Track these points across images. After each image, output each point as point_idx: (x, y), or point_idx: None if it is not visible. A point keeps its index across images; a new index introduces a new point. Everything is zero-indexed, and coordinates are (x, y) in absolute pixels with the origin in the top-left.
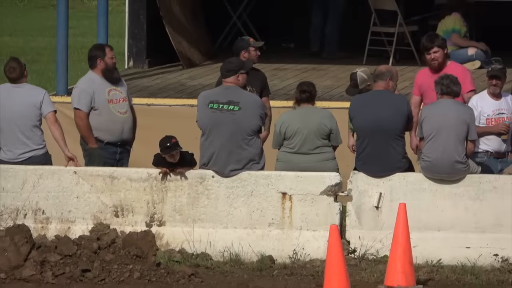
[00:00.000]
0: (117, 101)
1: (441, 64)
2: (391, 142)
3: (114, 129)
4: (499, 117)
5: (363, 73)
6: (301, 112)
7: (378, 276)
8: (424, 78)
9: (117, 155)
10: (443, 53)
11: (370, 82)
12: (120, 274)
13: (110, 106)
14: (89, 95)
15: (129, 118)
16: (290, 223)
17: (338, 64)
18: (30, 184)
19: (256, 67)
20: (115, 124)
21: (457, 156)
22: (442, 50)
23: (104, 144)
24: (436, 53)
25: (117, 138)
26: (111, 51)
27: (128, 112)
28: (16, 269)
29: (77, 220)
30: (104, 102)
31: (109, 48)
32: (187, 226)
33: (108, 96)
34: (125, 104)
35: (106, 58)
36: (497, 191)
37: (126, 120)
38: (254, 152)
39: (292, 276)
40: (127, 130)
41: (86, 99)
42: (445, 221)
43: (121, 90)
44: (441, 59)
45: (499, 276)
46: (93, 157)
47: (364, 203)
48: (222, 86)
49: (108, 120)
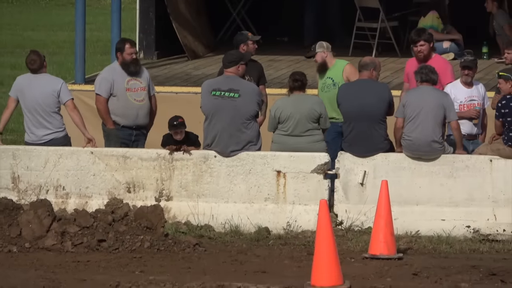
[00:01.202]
0: (135, 90)
1: (426, 56)
2: (375, 125)
3: (129, 114)
4: (470, 103)
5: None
6: (293, 98)
7: (363, 245)
8: (411, 67)
9: (132, 137)
10: (429, 47)
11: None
12: (132, 244)
13: (127, 94)
14: (108, 83)
15: (145, 105)
16: (284, 198)
17: None
18: (52, 163)
19: (254, 58)
20: (131, 110)
21: (434, 136)
22: (428, 43)
23: (120, 127)
24: (422, 46)
25: (132, 122)
26: (131, 47)
27: (145, 100)
28: (39, 239)
29: (93, 196)
30: (122, 90)
31: (129, 45)
32: (192, 200)
33: (127, 85)
34: (143, 93)
35: (124, 53)
36: (469, 170)
37: (141, 107)
38: (252, 134)
39: (286, 245)
40: (142, 115)
41: (106, 86)
42: (423, 196)
43: (141, 81)
44: (426, 52)
45: (471, 246)
46: (110, 137)
47: (350, 180)
48: (224, 76)
49: (124, 106)
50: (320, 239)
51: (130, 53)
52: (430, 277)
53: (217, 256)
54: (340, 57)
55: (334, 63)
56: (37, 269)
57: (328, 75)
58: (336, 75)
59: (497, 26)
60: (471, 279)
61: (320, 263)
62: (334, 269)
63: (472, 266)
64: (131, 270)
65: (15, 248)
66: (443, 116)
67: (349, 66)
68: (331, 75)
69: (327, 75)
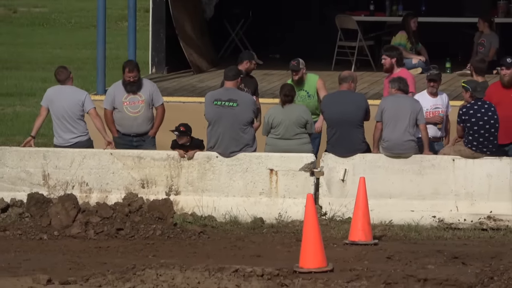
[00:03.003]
0: (133, 103)
1: (388, 69)
2: (354, 130)
3: (125, 124)
4: (435, 111)
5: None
6: (284, 107)
7: (344, 233)
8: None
9: (133, 142)
10: (390, 61)
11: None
12: (146, 232)
13: (124, 107)
14: (110, 97)
15: (141, 116)
16: (276, 193)
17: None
18: (77, 163)
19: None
20: (126, 120)
21: (409, 135)
22: (390, 59)
23: (121, 134)
24: (384, 59)
25: (128, 131)
26: (129, 72)
27: (141, 112)
28: (66, 228)
29: (112, 191)
30: (120, 103)
31: (128, 70)
32: (197, 195)
33: (125, 100)
34: (140, 106)
35: (124, 75)
36: (434, 168)
37: (136, 118)
38: (248, 138)
39: (278, 233)
40: (136, 125)
41: (108, 100)
42: (395, 191)
43: (141, 95)
44: (388, 65)
45: (437, 233)
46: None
47: (333, 177)
48: (224, 88)
49: (121, 117)
50: (307, 227)
51: (128, 76)
52: (401, 260)
53: (219, 243)
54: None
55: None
56: (65, 253)
57: (304, 88)
58: (310, 88)
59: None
60: (437, 262)
61: (307, 248)
62: (319, 254)
63: (437, 251)
64: (145, 254)
65: (46, 236)
66: (415, 120)
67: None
68: (306, 88)
69: (302, 88)
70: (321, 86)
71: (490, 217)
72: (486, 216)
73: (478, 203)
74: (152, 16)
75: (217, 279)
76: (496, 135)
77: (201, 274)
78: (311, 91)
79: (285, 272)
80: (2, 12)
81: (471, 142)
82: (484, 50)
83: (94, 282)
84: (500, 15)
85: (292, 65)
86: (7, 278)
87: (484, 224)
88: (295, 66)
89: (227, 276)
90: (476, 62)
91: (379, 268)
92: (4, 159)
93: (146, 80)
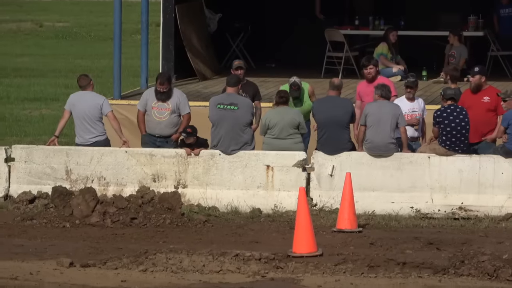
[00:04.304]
0: (160, 109)
1: (374, 77)
2: (341, 131)
3: (150, 126)
4: (412, 114)
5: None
6: (279, 110)
7: (332, 222)
8: (361, 88)
9: (156, 142)
10: (375, 70)
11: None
12: (157, 221)
13: (152, 111)
14: (144, 100)
15: (166, 121)
16: (272, 186)
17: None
18: (96, 159)
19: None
20: (152, 123)
21: (390, 138)
22: (375, 67)
23: (148, 134)
24: (371, 69)
25: (152, 132)
26: (159, 85)
27: (166, 118)
28: (86, 218)
29: (127, 184)
30: (150, 107)
31: (159, 82)
32: (202, 188)
33: (154, 105)
34: (166, 112)
35: (156, 85)
36: (412, 164)
37: (160, 122)
38: (247, 138)
39: (274, 222)
40: (160, 128)
41: (142, 103)
42: (377, 184)
43: (169, 103)
44: (374, 74)
45: (414, 222)
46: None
47: (322, 172)
48: (226, 93)
49: (148, 120)
50: (299, 217)
51: (159, 87)
52: (383, 246)
53: (221, 230)
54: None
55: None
56: (85, 240)
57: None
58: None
59: (457, 55)
60: (414, 247)
61: (300, 235)
62: (310, 240)
63: (414, 237)
64: (156, 240)
65: (68, 224)
66: (396, 123)
67: (309, 87)
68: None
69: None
70: (312, 92)
71: (461, 208)
72: (458, 207)
73: (450, 195)
74: (162, 30)
75: (220, 262)
76: (467, 135)
77: (206, 258)
78: (302, 97)
79: (280, 256)
80: (30, 26)
81: (444, 141)
82: (454, 60)
83: (111, 265)
84: (470, 29)
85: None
86: (34, 261)
87: (456, 214)
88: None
89: (229, 259)
90: (451, 71)
91: (363, 252)
92: (31, 156)
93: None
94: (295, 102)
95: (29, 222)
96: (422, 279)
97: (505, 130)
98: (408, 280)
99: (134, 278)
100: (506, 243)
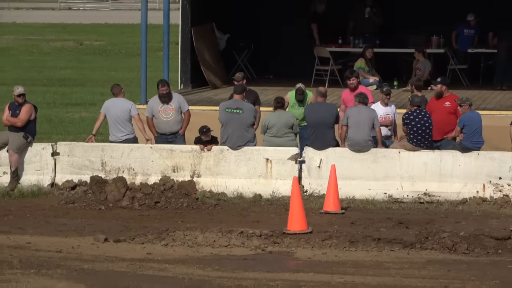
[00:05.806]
0: (166, 111)
1: (356, 87)
2: (327, 130)
3: (161, 127)
4: (386, 116)
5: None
6: (276, 114)
7: (320, 205)
8: (345, 95)
9: (168, 139)
10: (357, 81)
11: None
12: (176, 204)
13: (160, 114)
14: (150, 108)
15: (173, 119)
16: (271, 176)
17: None
18: (126, 154)
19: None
20: (162, 124)
21: (368, 136)
22: (357, 79)
23: (159, 134)
24: (353, 80)
25: (164, 131)
26: (161, 87)
27: (173, 117)
28: (118, 202)
29: (152, 174)
30: (157, 112)
31: (161, 85)
32: (213, 177)
33: (160, 108)
34: (171, 112)
35: (158, 90)
36: (385, 158)
37: (168, 121)
38: (250, 136)
39: (272, 205)
40: (169, 126)
41: (148, 110)
42: (357, 174)
43: (172, 104)
44: (355, 84)
45: (387, 205)
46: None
47: (312, 164)
48: (233, 99)
49: (158, 122)
50: (293, 201)
51: (161, 90)
52: (362, 225)
53: (229, 212)
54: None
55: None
56: (117, 220)
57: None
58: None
59: (422, 68)
60: (387, 226)
61: (293, 216)
62: (302, 220)
63: (387, 218)
64: (175, 220)
65: (103, 207)
66: (372, 124)
67: (312, 96)
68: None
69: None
70: (313, 100)
71: (426, 194)
72: (423, 193)
73: (417, 183)
74: (181, 47)
75: (228, 238)
76: (431, 134)
77: (216, 235)
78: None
79: (277, 233)
80: (72, 45)
81: (412, 139)
82: (420, 72)
83: (138, 240)
84: (433, 47)
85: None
86: (75, 237)
87: (421, 199)
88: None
89: (235, 236)
90: (415, 82)
91: (345, 230)
92: (73, 151)
93: (175, 93)
94: (299, 104)
95: (71, 205)
96: (393, 252)
97: (461, 130)
98: (382, 253)
99: (157, 251)
100: (463, 223)
